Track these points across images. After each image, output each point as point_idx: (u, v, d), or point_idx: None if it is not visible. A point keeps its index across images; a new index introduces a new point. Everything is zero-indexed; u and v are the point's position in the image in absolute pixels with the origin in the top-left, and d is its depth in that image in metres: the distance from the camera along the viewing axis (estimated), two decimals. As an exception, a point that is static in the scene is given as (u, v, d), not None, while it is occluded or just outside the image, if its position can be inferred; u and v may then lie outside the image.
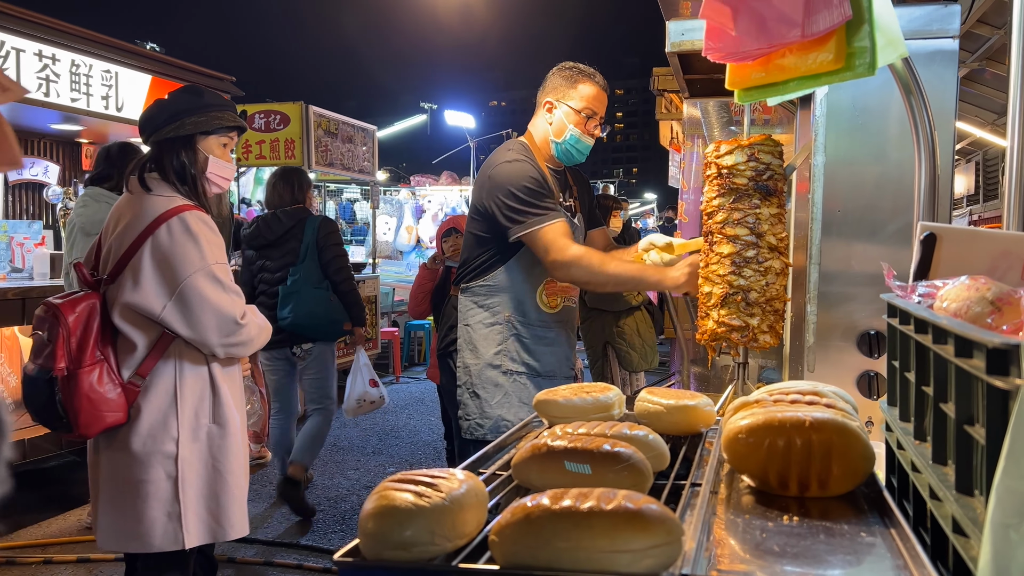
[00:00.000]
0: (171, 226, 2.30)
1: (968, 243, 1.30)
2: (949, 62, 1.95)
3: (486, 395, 2.67)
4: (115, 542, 2.38)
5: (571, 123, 2.67)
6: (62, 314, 2.22)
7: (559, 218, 2.56)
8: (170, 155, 2.42)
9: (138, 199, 2.37)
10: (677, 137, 7.37)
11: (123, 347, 2.33)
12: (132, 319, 2.32)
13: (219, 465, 2.42)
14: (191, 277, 2.29)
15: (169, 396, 2.34)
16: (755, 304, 2.01)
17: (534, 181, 2.58)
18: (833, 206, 2.05)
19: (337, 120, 8.97)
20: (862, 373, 2.05)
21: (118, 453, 2.34)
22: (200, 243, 2.33)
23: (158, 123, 2.41)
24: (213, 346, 2.36)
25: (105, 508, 2.37)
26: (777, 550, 0.97)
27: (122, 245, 2.32)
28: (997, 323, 0.93)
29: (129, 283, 2.28)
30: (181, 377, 2.36)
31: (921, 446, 1.06)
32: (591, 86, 2.69)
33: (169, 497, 2.32)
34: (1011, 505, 0.60)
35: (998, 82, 7.41)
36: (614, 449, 1.10)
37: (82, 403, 2.20)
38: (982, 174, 15.10)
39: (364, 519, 0.93)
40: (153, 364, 2.32)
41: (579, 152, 2.72)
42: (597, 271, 2.48)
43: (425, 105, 21.16)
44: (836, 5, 1.35)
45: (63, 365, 2.19)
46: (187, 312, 2.29)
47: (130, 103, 6.68)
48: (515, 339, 2.69)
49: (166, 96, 2.51)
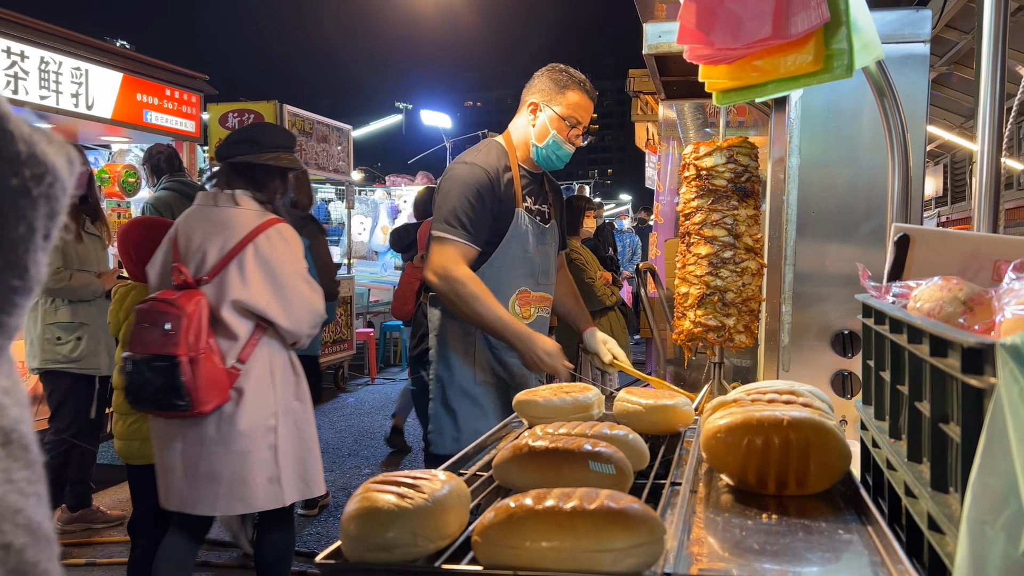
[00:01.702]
0: (270, 235, 2.68)
1: (940, 244, 1.33)
2: (920, 66, 1.99)
3: (461, 409, 2.58)
4: (220, 507, 2.70)
5: (554, 129, 2.60)
6: (183, 308, 2.52)
7: (470, 244, 2.50)
8: (265, 179, 2.80)
9: (228, 212, 2.72)
10: (653, 138, 7.42)
11: (225, 337, 2.65)
12: (238, 312, 2.65)
13: (303, 435, 2.82)
14: (290, 278, 2.69)
15: (266, 378, 2.71)
16: (731, 304, 2.03)
17: (476, 196, 2.50)
18: (807, 207, 2.08)
19: (312, 119, 8.91)
20: (836, 372, 2.08)
21: (226, 428, 2.65)
22: (293, 250, 2.74)
23: (262, 145, 2.78)
24: (303, 336, 2.76)
25: (204, 478, 2.66)
26: (757, 548, 0.98)
27: (223, 249, 2.64)
28: (969, 323, 0.95)
29: (236, 282, 2.62)
30: (272, 362, 2.73)
31: (896, 444, 1.08)
32: (580, 95, 2.61)
33: (271, 464, 2.70)
34: (987, 502, 0.61)
35: (965, 86, 7.54)
36: (595, 449, 1.11)
37: (201, 384, 2.52)
38: (950, 176, 15.36)
39: (346, 521, 0.92)
40: (251, 352, 2.67)
41: (558, 159, 2.66)
42: (468, 300, 2.44)
43: (400, 105, 21.06)
44: (814, 7, 1.36)
45: (184, 351, 2.50)
46: (288, 307, 2.67)
47: (100, 101, 6.57)
48: (487, 349, 2.60)
49: (255, 124, 2.94)
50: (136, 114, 6.91)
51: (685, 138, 4.36)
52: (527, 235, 2.61)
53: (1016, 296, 0.88)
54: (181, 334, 2.49)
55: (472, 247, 2.51)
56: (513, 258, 2.60)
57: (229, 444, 2.65)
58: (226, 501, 2.67)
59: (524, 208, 2.62)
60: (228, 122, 8.06)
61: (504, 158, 2.63)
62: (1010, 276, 0.95)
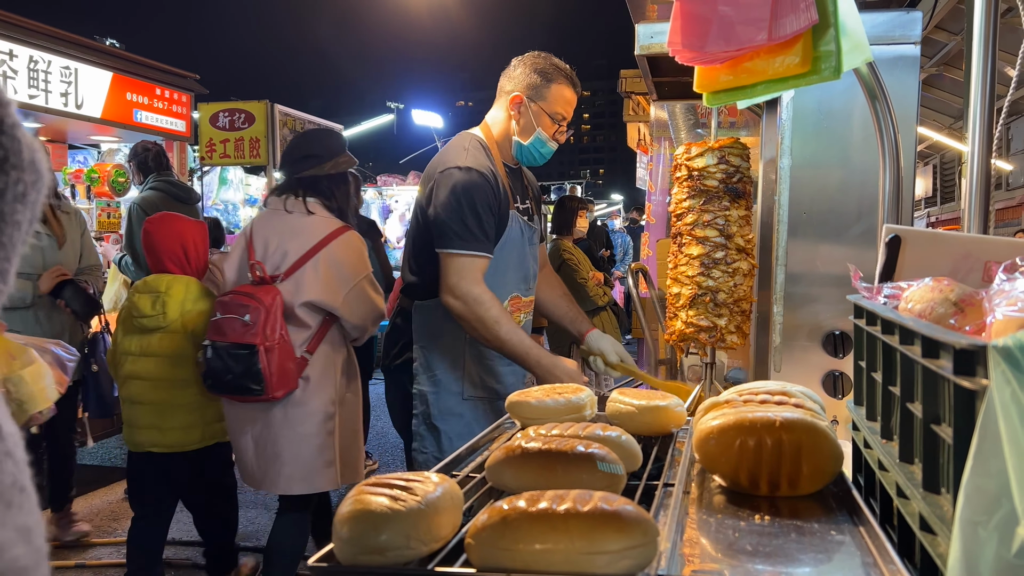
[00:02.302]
0: (341, 241, 2.93)
1: (931, 245, 1.33)
2: (911, 67, 2.00)
3: (446, 427, 2.45)
4: (282, 485, 2.92)
5: (540, 126, 2.44)
6: (262, 301, 2.74)
7: (485, 254, 2.37)
8: (332, 188, 3.05)
9: (302, 219, 2.96)
10: (644, 139, 7.43)
11: (296, 329, 2.87)
12: (310, 308, 2.88)
13: (353, 425, 3.08)
14: (360, 280, 2.95)
15: (330, 369, 2.96)
16: (723, 305, 2.04)
17: (483, 202, 2.35)
18: (799, 208, 2.08)
19: (303, 119, 8.87)
20: (827, 373, 2.09)
21: (292, 413, 2.88)
22: (362, 255, 3.01)
23: (322, 157, 3.01)
24: (366, 332, 3.04)
25: (271, 458, 2.89)
26: (750, 549, 0.98)
27: (299, 251, 2.88)
28: (960, 324, 0.96)
29: (312, 282, 2.85)
30: (335, 354, 2.98)
31: (888, 445, 1.08)
32: (568, 88, 2.46)
33: (329, 448, 2.93)
34: (980, 503, 0.62)
35: (955, 87, 7.59)
36: (588, 450, 1.11)
37: (276, 372, 2.75)
38: (939, 177, 15.43)
39: (339, 524, 0.92)
40: (318, 344, 2.91)
41: (542, 156, 2.51)
42: (491, 325, 2.31)
43: (392, 105, 21.04)
44: (803, 9, 1.37)
45: (262, 341, 2.71)
46: (357, 306, 2.94)
47: (90, 100, 6.54)
48: (476, 360, 2.48)
49: (308, 134, 3.23)
50: (126, 113, 6.88)
51: (676, 139, 4.37)
52: (520, 238, 2.51)
53: (1007, 297, 0.88)
54: (259, 325, 2.71)
55: (488, 257, 2.38)
56: (508, 264, 2.48)
57: (295, 427, 2.89)
58: (287, 481, 2.90)
59: (515, 209, 2.49)
60: (219, 121, 8.02)
61: (490, 156, 2.46)
62: (1000, 277, 0.95)
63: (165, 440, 3.04)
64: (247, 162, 8.12)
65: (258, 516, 4.65)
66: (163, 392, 3.04)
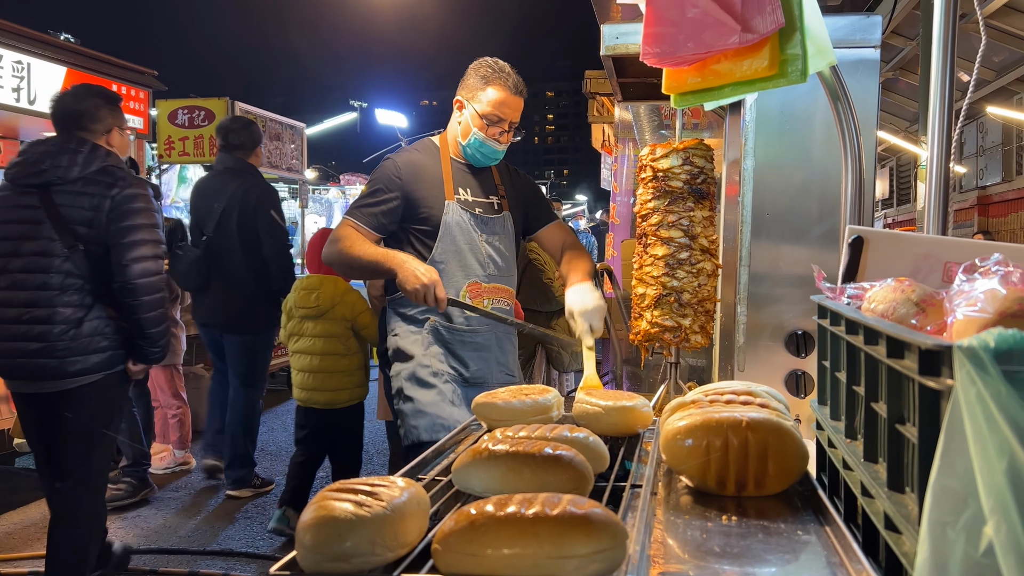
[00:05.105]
0: None
1: (893, 246, 1.35)
2: (871, 71, 2.03)
3: (418, 395, 2.54)
4: None
5: (475, 127, 2.59)
6: None
7: (358, 219, 2.58)
8: None
9: None
10: (609, 140, 7.46)
11: None
12: None
13: None
14: None
15: None
16: (687, 305, 2.05)
17: (375, 182, 2.63)
18: (762, 209, 2.10)
19: (264, 117, 8.75)
20: (790, 372, 2.11)
21: None
22: None
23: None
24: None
25: None
26: (718, 551, 0.98)
27: None
28: (922, 324, 0.97)
29: None
30: None
31: (852, 444, 1.09)
32: (501, 91, 2.57)
33: None
34: (947, 504, 0.62)
35: (911, 91, 7.74)
36: (556, 452, 1.10)
37: None
38: (895, 179, 15.77)
39: (302, 531, 0.90)
40: None
41: (484, 156, 2.64)
42: (346, 251, 2.53)
43: (355, 103, 20.88)
44: (769, 12, 1.38)
45: None
46: None
47: (43, 96, 6.35)
48: (440, 344, 2.61)
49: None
50: (81, 110, 6.70)
51: (641, 140, 4.39)
52: (464, 226, 2.61)
53: (967, 298, 0.89)
54: None
55: (364, 228, 2.57)
56: (453, 250, 2.60)
57: None
58: None
59: (456, 200, 2.62)
60: (178, 119, 7.87)
61: (433, 153, 2.68)
62: (960, 278, 0.97)
63: (321, 398, 4.08)
64: (207, 160, 7.97)
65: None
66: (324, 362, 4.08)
